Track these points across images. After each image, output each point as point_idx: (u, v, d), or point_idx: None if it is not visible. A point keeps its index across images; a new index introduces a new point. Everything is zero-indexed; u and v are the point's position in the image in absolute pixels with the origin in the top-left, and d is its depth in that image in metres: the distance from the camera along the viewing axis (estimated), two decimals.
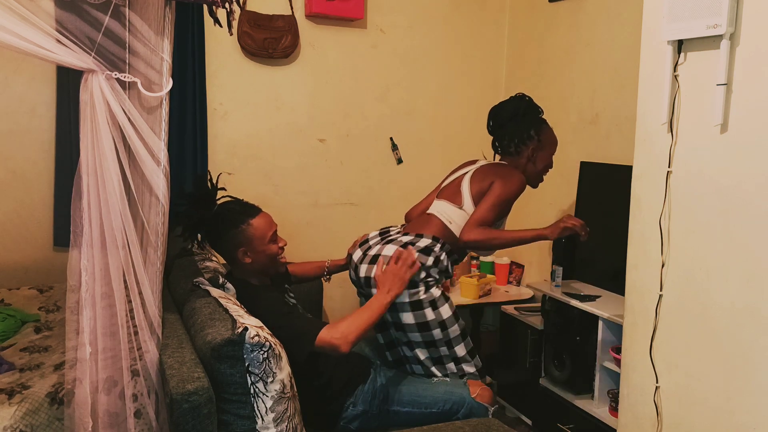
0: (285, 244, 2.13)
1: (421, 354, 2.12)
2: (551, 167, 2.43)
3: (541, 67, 3.36)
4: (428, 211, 2.30)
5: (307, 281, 2.53)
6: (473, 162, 2.45)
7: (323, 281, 2.62)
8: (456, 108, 3.58)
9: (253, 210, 2.08)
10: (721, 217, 1.62)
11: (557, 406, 2.61)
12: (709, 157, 1.64)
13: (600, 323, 2.40)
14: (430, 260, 2.11)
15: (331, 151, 3.33)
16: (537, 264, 3.38)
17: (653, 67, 1.80)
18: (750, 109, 1.54)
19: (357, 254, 2.24)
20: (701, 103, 1.66)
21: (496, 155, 2.48)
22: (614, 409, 2.35)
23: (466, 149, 3.61)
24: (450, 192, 2.32)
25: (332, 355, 1.86)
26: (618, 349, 2.32)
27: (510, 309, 3.05)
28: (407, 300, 2.06)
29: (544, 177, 2.43)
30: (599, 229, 2.81)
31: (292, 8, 3.08)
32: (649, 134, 1.82)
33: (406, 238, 2.17)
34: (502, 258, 3.39)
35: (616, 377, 2.35)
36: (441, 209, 2.27)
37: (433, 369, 2.13)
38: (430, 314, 2.07)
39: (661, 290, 1.78)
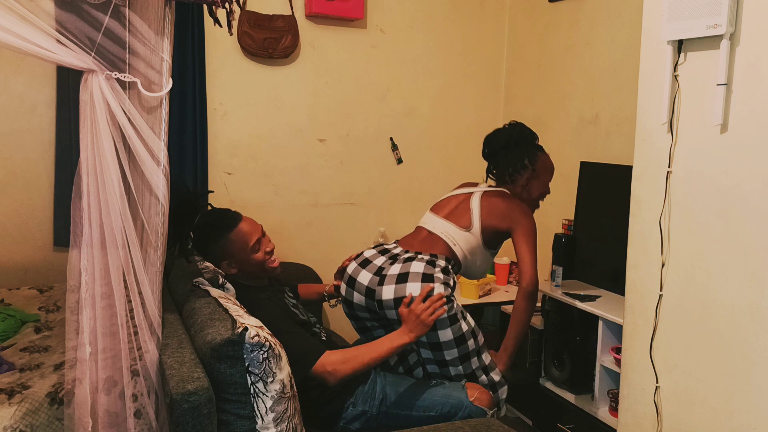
0: (272, 248, 2.10)
1: (453, 371, 2.07)
2: (548, 193, 2.42)
3: (541, 67, 3.36)
4: (430, 230, 2.25)
5: (307, 304, 2.41)
6: (473, 184, 2.42)
7: (331, 306, 2.51)
8: (456, 108, 3.58)
9: (231, 221, 2.04)
10: (721, 217, 1.62)
11: (557, 406, 2.61)
12: (709, 157, 1.64)
13: (600, 323, 2.40)
14: (451, 282, 2.10)
15: (331, 151, 3.33)
16: (537, 264, 3.37)
17: (653, 67, 1.80)
18: (750, 109, 1.54)
19: (364, 276, 2.12)
20: (701, 103, 1.66)
21: (490, 181, 2.47)
22: (614, 409, 2.35)
23: (466, 149, 3.63)
24: (455, 212, 2.27)
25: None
26: (618, 349, 2.32)
27: (510, 309, 3.05)
28: (446, 315, 1.99)
29: (540, 203, 2.42)
30: (599, 229, 2.82)
31: (292, 8, 3.08)
32: (649, 134, 1.82)
33: (425, 257, 2.11)
34: (502, 258, 3.38)
35: (616, 377, 2.35)
36: (444, 229, 2.23)
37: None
38: (464, 325, 2.03)
39: (661, 290, 1.78)
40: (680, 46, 1.70)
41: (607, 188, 2.80)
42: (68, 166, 2.72)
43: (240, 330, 1.59)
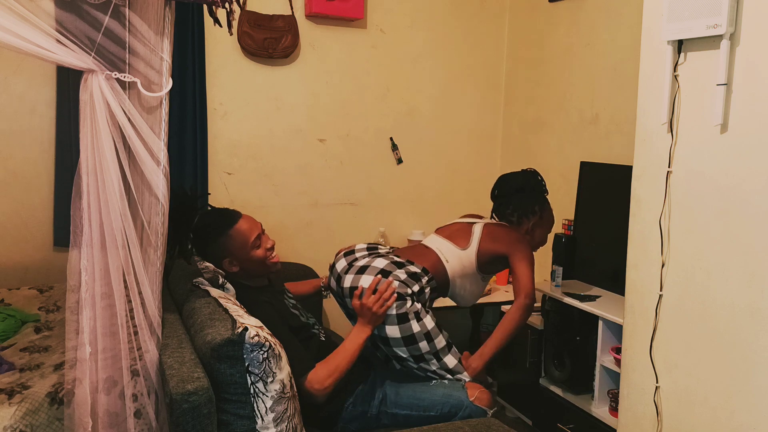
0: (273, 244, 2.10)
1: (413, 367, 2.09)
2: (544, 244, 2.50)
3: (541, 67, 3.36)
4: (426, 245, 2.30)
5: (304, 299, 2.43)
6: (479, 216, 2.49)
7: (323, 297, 2.57)
8: (456, 108, 3.58)
9: (230, 218, 2.05)
10: (721, 217, 1.62)
11: (557, 406, 2.61)
12: (709, 157, 1.64)
13: (600, 323, 2.40)
14: (416, 288, 2.08)
15: (331, 151, 3.33)
16: (537, 264, 3.36)
17: (653, 67, 1.80)
18: (750, 109, 1.54)
19: (341, 264, 2.18)
20: (701, 103, 1.66)
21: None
22: (614, 409, 2.35)
23: (466, 149, 3.63)
24: (455, 233, 2.32)
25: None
26: (618, 349, 2.32)
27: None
28: (394, 313, 2.02)
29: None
30: (599, 229, 2.82)
31: (292, 8, 3.08)
32: (649, 134, 1.82)
33: (397, 259, 2.14)
34: None
35: (616, 377, 2.35)
36: (440, 246, 2.27)
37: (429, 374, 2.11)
38: (415, 326, 2.02)
39: (661, 290, 1.78)
40: (680, 46, 1.70)
41: (607, 188, 2.80)
42: (68, 166, 2.72)
43: (240, 330, 1.59)
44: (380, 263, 2.10)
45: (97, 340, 1.66)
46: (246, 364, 1.58)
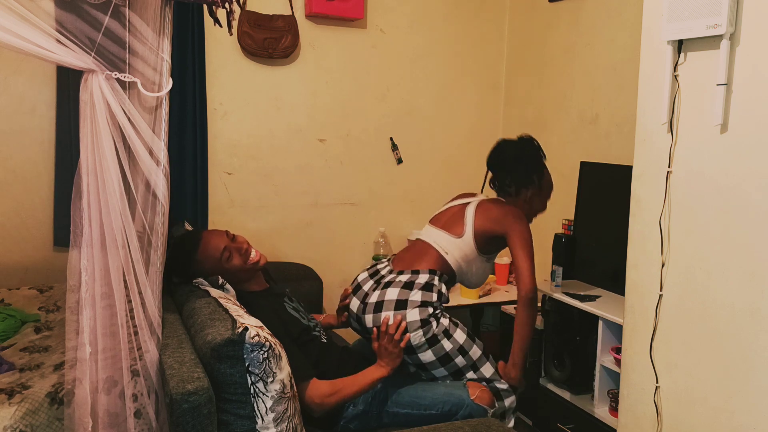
0: (246, 247, 2.06)
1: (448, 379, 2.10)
2: (544, 211, 2.43)
3: (541, 67, 3.36)
4: (424, 239, 2.27)
5: (305, 300, 2.41)
6: (471, 195, 2.43)
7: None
8: (456, 108, 3.58)
9: (190, 244, 2.03)
10: (721, 217, 1.62)
11: (557, 406, 2.61)
12: (709, 157, 1.64)
13: (600, 323, 2.40)
14: (434, 297, 2.08)
15: (331, 151, 3.33)
16: (537, 264, 3.36)
17: (653, 67, 1.80)
18: (750, 109, 1.54)
19: (355, 304, 2.17)
20: (701, 103, 1.66)
21: (492, 191, 2.45)
22: (614, 409, 2.35)
23: (466, 149, 3.63)
24: (449, 221, 2.28)
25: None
26: (618, 349, 2.32)
27: (510, 309, 3.05)
28: (424, 339, 2.01)
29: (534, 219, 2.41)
30: (599, 229, 2.81)
31: (292, 8, 3.08)
32: (649, 134, 1.82)
33: (404, 278, 2.12)
34: (502, 258, 3.39)
35: (616, 377, 2.35)
36: (436, 239, 2.24)
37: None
38: (447, 345, 2.03)
39: (661, 290, 1.78)
40: (680, 46, 1.70)
41: (607, 188, 2.80)
42: (68, 166, 2.72)
43: (240, 330, 1.58)
44: (393, 294, 2.07)
45: (97, 340, 1.66)
46: (246, 364, 1.58)
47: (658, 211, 1.78)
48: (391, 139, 3.44)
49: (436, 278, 2.13)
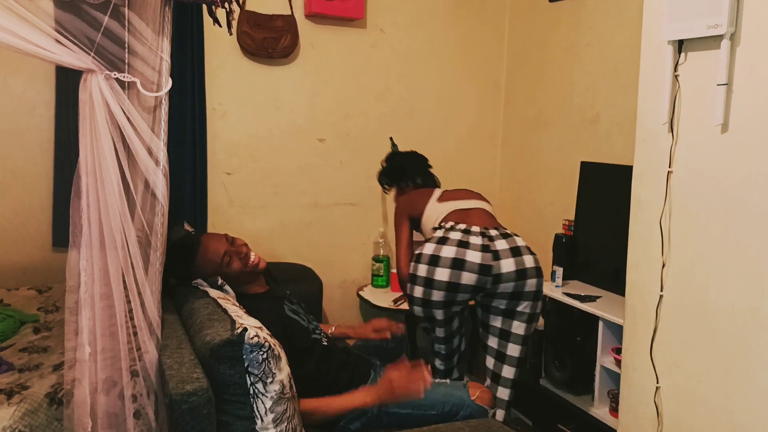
0: (246, 251, 2.06)
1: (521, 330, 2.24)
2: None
3: (541, 66, 3.35)
4: (484, 209, 2.40)
5: (307, 301, 2.40)
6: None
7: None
8: (456, 108, 3.57)
9: (189, 250, 2.02)
10: (721, 217, 1.61)
11: (557, 407, 2.61)
12: (710, 157, 1.64)
13: (600, 323, 2.40)
14: None
15: (331, 151, 3.32)
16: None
17: (654, 67, 1.79)
18: (750, 109, 1.54)
19: (473, 255, 2.12)
20: (702, 103, 1.66)
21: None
22: (614, 410, 2.35)
23: (466, 149, 3.62)
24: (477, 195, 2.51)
25: None
26: (618, 350, 2.32)
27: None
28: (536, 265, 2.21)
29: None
30: (599, 229, 2.81)
31: (291, 8, 3.08)
32: (649, 134, 1.82)
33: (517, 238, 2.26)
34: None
35: (616, 377, 2.35)
36: (487, 208, 2.43)
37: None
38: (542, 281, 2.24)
39: (661, 290, 1.78)
40: (681, 46, 1.70)
41: (607, 188, 2.80)
42: (67, 166, 2.71)
43: (239, 330, 1.58)
44: (520, 240, 2.24)
45: (96, 340, 1.66)
46: (245, 365, 1.58)
47: (659, 211, 1.78)
48: (391, 138, 3.43)
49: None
